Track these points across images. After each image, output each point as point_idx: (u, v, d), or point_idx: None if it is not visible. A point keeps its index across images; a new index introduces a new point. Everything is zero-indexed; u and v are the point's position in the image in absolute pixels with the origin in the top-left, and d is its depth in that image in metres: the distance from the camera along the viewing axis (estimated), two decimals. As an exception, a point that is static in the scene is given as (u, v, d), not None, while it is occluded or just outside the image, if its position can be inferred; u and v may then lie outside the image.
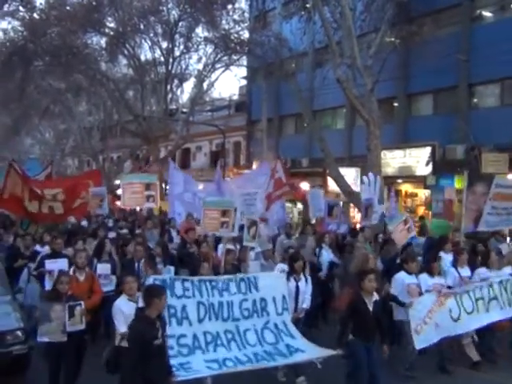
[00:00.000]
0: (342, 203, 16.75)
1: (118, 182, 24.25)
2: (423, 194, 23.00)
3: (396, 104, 25.01)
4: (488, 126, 19.63)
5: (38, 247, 11.30)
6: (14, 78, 28.86)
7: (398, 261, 9.59)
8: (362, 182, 14.82)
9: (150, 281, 7.01)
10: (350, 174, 22.66)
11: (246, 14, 28.10)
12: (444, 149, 21.11)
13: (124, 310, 6.50)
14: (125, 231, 14.99)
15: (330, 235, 12.58)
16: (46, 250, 10.80)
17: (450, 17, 22.28)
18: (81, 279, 8.24)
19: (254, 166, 31.50)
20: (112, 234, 13.82)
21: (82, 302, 7.12)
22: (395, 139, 23.35)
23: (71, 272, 8.13)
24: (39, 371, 7.94)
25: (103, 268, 9.41)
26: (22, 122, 40.03)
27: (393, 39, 21.32)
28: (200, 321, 7.15)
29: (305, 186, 26.77)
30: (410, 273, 8.58)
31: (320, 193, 17.09)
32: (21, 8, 26.46)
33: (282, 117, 32.83)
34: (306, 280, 8.53)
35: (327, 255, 11.53)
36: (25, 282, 9.55)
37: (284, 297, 7.96)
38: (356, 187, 19.39)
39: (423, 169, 21.46)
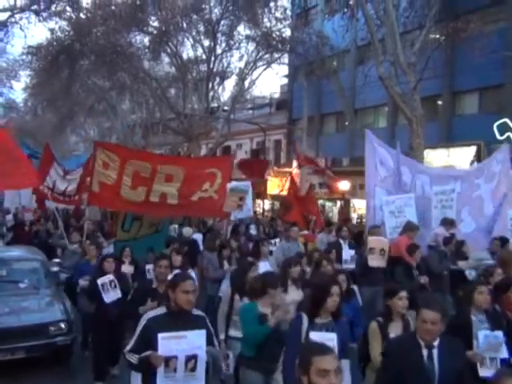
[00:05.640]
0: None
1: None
2: (467, 194, 22.54)
3: (440, 102, 24.54)
4: (536, 125, 19.08)
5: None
6: (60, 77, 29.54)
7: None
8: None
9: None
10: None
11: (288, 12, 27.98)
12: (489, 148, 20.61)
13: None
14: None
15: None
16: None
17: (497, 13, 21.72)
18: None
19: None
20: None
21: None
22: (439, 138, 22.92)
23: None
24: (82, 361, 8.18)
25: None
26: (67, 120, 41.01)
27: (437, 36, 20.93)
28: None
29: (345, 185, 26.61)
30: None
31: None
32: (68, 8, 27.04)
33: (323, 115, 32.65)
34: None
35: None
36: None
37: None
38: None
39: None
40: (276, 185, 30.06)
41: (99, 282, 7.13)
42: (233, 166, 11.21)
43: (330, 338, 4.51)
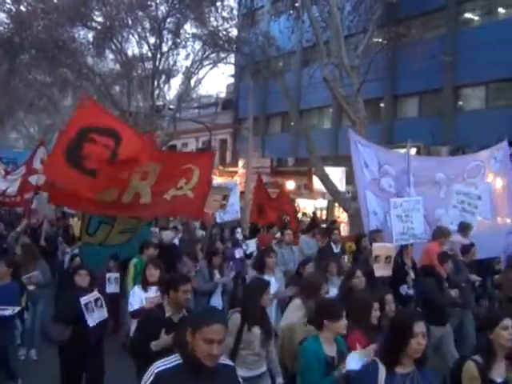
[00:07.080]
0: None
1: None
2: (407, 194, 23.11)
3: (382, 105, 25.17)
4: (473, 129, 19.84)
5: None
6: (-1, 71, 28.61)
7: None
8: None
9: None
10: (336, 174, 22.77)
11: (235, 12, 28.03)
12: (429, 150, 21.27)
13: None
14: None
15: None
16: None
17: (437, 19, 22.51)
18: None
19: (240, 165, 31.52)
20: (239, 253, 10.19)
21: None
22: (381, 140, 23.42)
23: None
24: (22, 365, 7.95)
25: None
26: (6, 116, 39.64)
27: (380, 40, 21.46)
28: None
29: (290, 184, 26.91)
30: None
31: None
32: (7, 0, 26.20)
33: (269, 115, 32.91)
34: None
35: None
36: None
37: None
38: (341, 187, 19.50)
39: (408, 169, 21.61)
40: (222, 184, 30.05)
41: (83, 301, 5.80)
42: (213, 163, 9.90)
43: None
